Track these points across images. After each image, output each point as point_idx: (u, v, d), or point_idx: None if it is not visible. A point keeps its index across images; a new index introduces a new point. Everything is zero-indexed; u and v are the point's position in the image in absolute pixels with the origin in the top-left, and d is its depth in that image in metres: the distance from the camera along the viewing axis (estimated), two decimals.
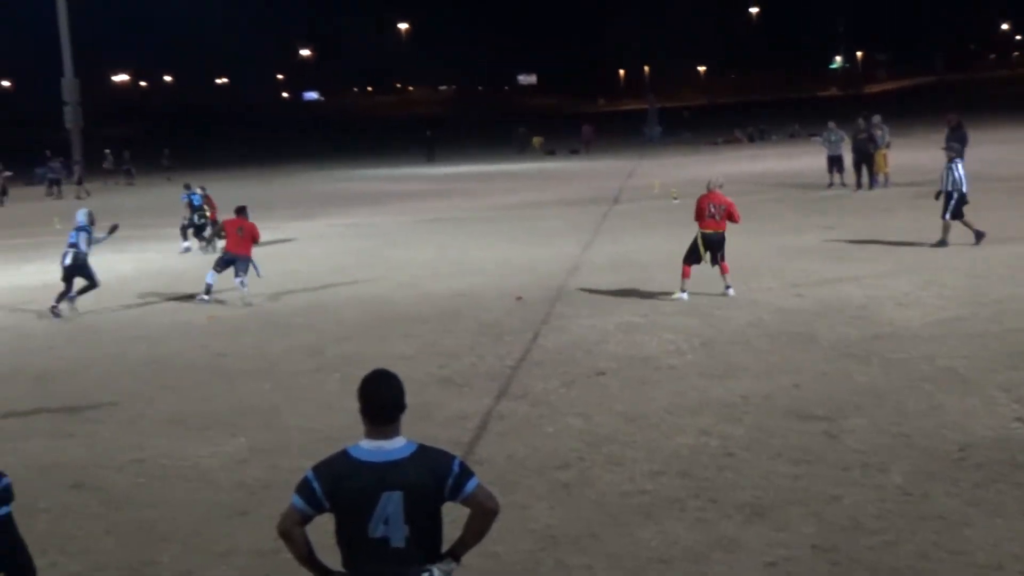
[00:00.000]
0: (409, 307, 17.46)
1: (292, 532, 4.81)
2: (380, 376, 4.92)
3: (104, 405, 12.58)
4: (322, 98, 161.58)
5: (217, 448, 10.71)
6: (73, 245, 18.75)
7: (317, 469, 4.79)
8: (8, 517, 4.76)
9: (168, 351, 15.32)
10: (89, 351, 15.65)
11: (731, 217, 16.65)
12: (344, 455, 4.79)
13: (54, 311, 18.41)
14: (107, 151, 59.24)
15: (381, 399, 4.82)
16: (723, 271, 16.67)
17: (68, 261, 18.64)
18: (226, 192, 45.29)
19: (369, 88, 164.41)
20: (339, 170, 57.04)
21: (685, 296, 16.53)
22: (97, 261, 19.72)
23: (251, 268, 18.87)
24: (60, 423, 11.92)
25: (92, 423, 11.87)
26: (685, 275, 16.62)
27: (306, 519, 4.79)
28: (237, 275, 18.73)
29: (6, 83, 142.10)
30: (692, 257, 16.68)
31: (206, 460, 10.37)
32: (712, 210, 16.62)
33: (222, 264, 19.15)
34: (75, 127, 62.99)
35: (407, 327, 15.91)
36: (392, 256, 23.71)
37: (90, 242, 18.84)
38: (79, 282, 18.85)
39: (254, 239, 19.22)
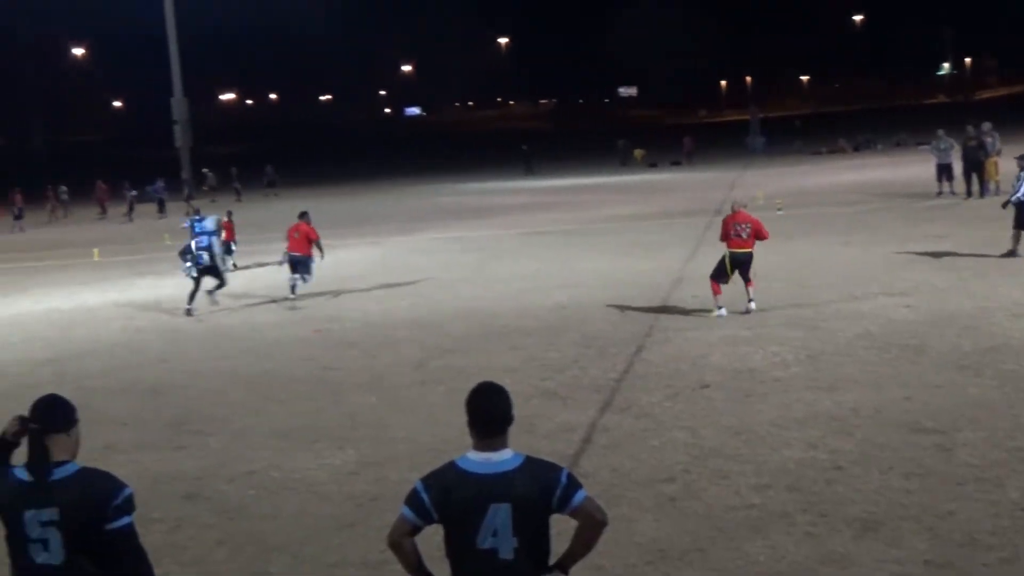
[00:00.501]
0: (513, 320, 17.51)
1: (402, 543, 4.85)
2: (488, 389, 4.94)
3: (215, 418, 12.83)
4: (424, 113, 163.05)
5: (325, 461, 10.84)
6: (206, 248, 20.22)
7: (426, 480, 4.82)
8: (130, 527, 4.87)
9: (276, 364, 15.57)
10: (199, 365, 15.96)
11: (759, 235, 16.60)
12: (452, 467, 4.81)
13: (188, 312, 20.07)
14: (205, 170, 60.25)
15: (489, 412, 4.84)
16: (747, 285, 16.62)
17: (204, 261, 20.24)
18: (330, 207, 46.00)
19: (470, 103, 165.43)
20: (440, 184, 57.53)
21: (723, 312, 16.43)
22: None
23: (310, 268, 21.00)
24: (173, 435, 12.18)
25: (203, 435, 12.11)
26: (716, 292, 16.56)
27: (415, 530, 4.83)
28: (296, 271, 20.75)
29: (117, 103, 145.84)
30: (720, 276, 16.64)
31: (315, 472, 10.51)
32: (738, 229, 16.55)
33: (290, 265, 20.95)
34: (184, 145, 64.31)
35: (511, 340, 15.97)
36: (495, 269, 23.82)
37: (216, 246, 20.52)
38: (208, 282, 20.42)
39: (310, 240, 20.96)
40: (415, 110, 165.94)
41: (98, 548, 4.80)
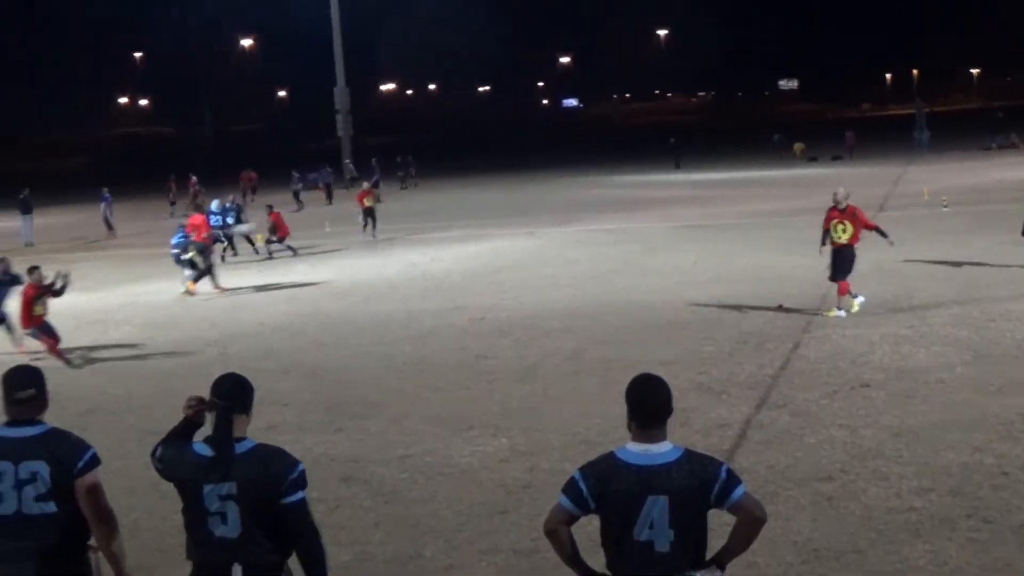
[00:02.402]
0: (668, 313, 17.40)
1: (558, 531, 4.86)
2: (648, 380, 4.93)
3: (372, 402, 13.07)
4: (580, 105, 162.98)
5: (479, 448, 10.95)
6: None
7: (584, 470, 4.83)
8: (303, 501, 5.01)
9: (431, 352, 15.77)
10: (357, 350, 16.27)
11: (865, 226, 16.40)
12: (611, 457, 4.81)
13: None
14: (347, 161, 60.89)
15: (650, 402, 4.83)
16: (840, 291, 16.21)
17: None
18: (485, 197, 46.37)
19: (627, 95, 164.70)
20: (595, 176, 57.41)
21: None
22: (365, 264, 20.54)
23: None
24: (332, 418, 12.45)
25: (361, 419, 12.35)
26: (843, 291, 16.22)
27: (572, 519, 4.84)
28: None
29: (282, 93, 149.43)
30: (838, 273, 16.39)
31: (468, 459, 10.62)
32: (839, 225, 16.27)
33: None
34: (345, 135, 65.58)
35: (666, 333, 15.87)
36: (649, 262, 23.68)
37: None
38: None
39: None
40: (572, 102, 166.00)
41: (273, 521, 4.96)
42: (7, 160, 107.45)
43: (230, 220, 29.74)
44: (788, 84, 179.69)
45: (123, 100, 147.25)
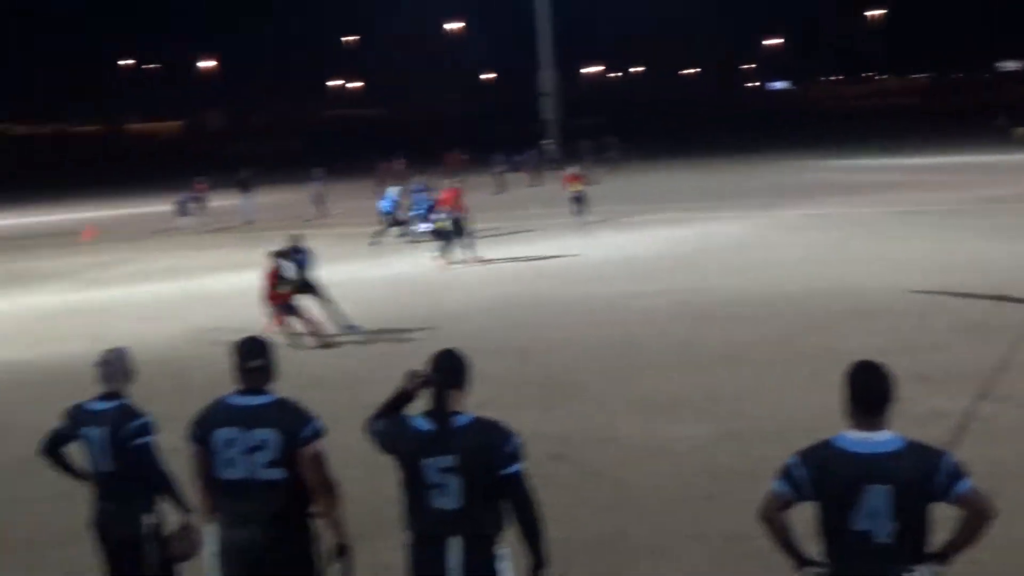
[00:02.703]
0: (882, 299, 16.90)
1: (774, 518, 4.79)
2: (871, 366, 4.82)
3: (580, 383, 13.13)
4: (790, 87, 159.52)
5: (687, 431, 10.87)
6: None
7: (801, 456, 4.74)
8: (521, 473, 5.06)
9: (638, 334, 15.73)
10: (568, 331, 16.36)
11: None
12: (829, 445, 4.71)
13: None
14: (547, 142, 60.85)
15: (872, 390, 4.71)
16: None
17: None
18: (693, 181, 45.90)
19: (839, 77, 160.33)
20: (806, 160, 56.18)
21: None
22: (572, 246, 20.54)
23: None
24: (541, 396, 12.57)
25: (569, 399, 12.42)
26: None
27: (786, 505, 4.75)
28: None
29: (490, 75, 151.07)
30: None
31: (676, 442, 10.55)
32: None
33: None
34: (551, 118, 65.97)
35: (881, 320, 15.43)
36: (862, 247, 23.05)
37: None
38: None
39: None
40: (781, 84, 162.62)
41: (492, 493, 5.03)
42: (231, 142, 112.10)
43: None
44: (1011, 65, 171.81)
45: (336, 83, 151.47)
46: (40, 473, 9.59)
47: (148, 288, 24.11)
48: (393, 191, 31.15)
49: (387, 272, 23.99)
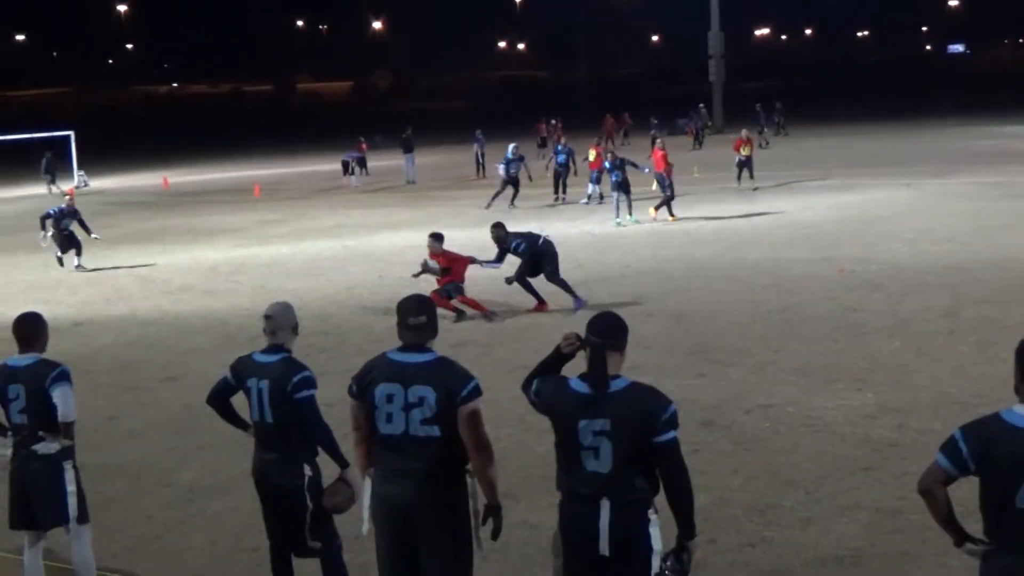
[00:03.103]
0: None
1: (934, 491, 4.66)
2: None
3: (735, 349, 13.00)
4: (967, 51, 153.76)
5: (843, 402, 10.68)
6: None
7: (966, 429, 4.60)
8: (675, 440, 5.05)
9: (798, 301, 15.47)
10: (723, 295, 16.20)
11: None
12: (996, 418, 4.57)
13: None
14: (701, 105, 59.62)
15: None
16: None
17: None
18: (861, 147, 44.75)
19: (1021, 40, 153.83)
20: (983, 127, 54.21)
21: None
22: (732, 210, 20.21)
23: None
24: (694, 363, 12.49)
25: (723, 365, 12.31)
26: None
27: (949, 479, 4.63)
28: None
29: (655, 38, 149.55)
30: None
31: (832, 412, 10.38)
32: None
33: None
34: (718, 80, 64.98)
35: None
36: None
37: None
38: None
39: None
40: (959, 47, 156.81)
41: (645, 459, 5.04)
42: (399, 101, 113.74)
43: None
44: None
45: (502, 44, 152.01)
46: (207, 421, 10.00)
47: (312, 245, 24.71)
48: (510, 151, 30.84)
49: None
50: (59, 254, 22.66)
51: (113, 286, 20.59)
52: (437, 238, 16.33)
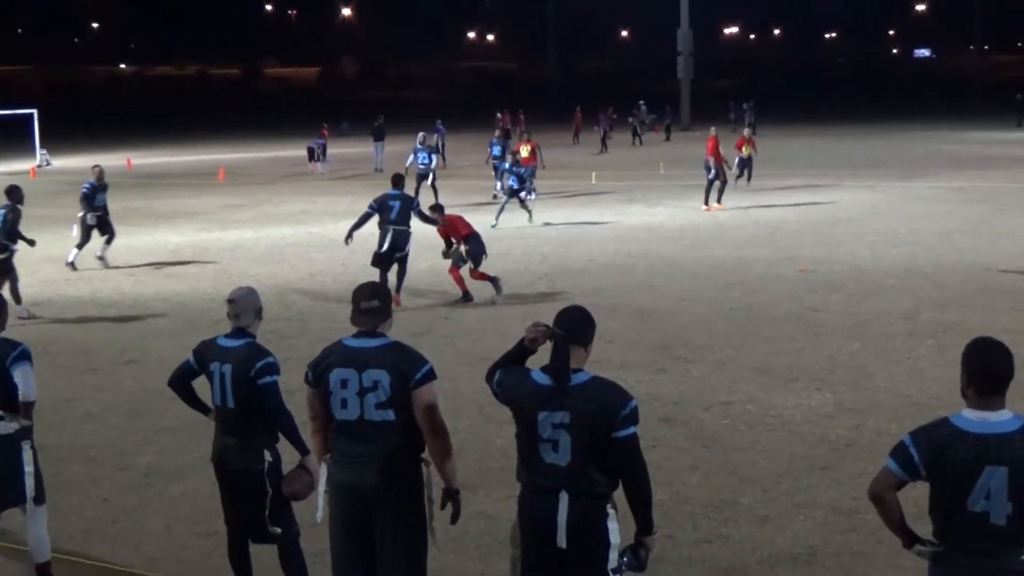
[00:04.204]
0: (1018, 279, 16.44)
1: (885, 496, 4.70)
2: (992, 343, 4.69)
3: (697, 346, 13.06)
4: (933, 56, 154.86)
5: (802, 401, 10.75)
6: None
7: (916, 435, 4.64)
8: (633, 437, 5.04)
9: (760, 300, 15.56)
10: (685, 293, 16.26)
11: None
12: (946, 423, 4.61)
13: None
14: (640, 103, 59.67)
15: (994, 368, 4.59)
16: None
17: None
18: (825, 148, 45.04)
19: (986, 47, 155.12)
20: (945, 132, 54.68)
21: None
22: (696, 208, 20.25)
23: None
24: (656, 358, 12.53)
25: (684, 361, 12.36)
26: None
27: (900, 484, 4.66)
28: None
29: (624, 32, 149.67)
30: None
31: (790, 411, 10.45)
32: None
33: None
34: (686, 77, 65.24)
35: (1014, 299, 15.02)
36: (1000, 224, 22.41)
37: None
38: None
39: None
40: (924, 52, 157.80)
41: (603, 454, 5.04)
42: (368, 89, 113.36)
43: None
44: None
45: (471, 35, 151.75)
46: (166, 405, 9.94)
47: (276, 231, 24.62)
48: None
49: (508, 225, 24.07)
50: (79, 242, 20.28)
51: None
52: (439, 210, 16.40)
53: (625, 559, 5.15)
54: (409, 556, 5.62)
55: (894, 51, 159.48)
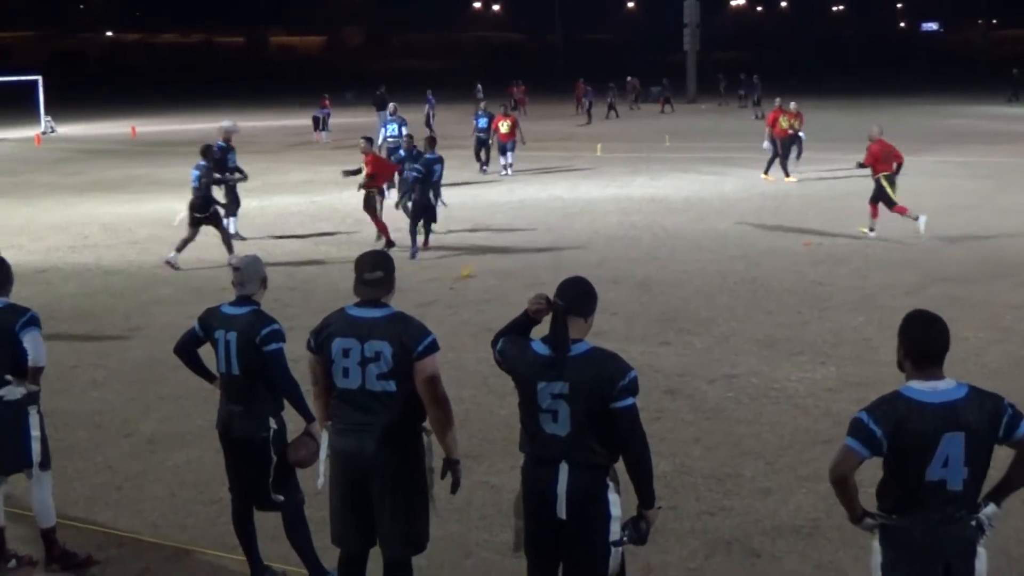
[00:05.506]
0: (1020, 254, 16.42)
1: (849, 477, 4.70)
2: (930, 316, 4.83)
3: (701, 319, 13.05)
4: (941, 30, 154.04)
5: (806, 374, 10.76)
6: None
7: (872, 412, 4.63)
8: (633, 407, 5.03)
9: (764, 273, 15.55)
10: (690, 265, 16.25)
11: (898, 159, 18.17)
12: (899, 397, 4.65)
13: None
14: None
15: (935, 339, 4.71)
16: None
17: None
18: (833, 122, 44.91)
19: (994, 21, 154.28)
20: (952, 106, 54.48)
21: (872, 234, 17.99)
22: (702, 180, 20.22)
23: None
24: (659, 330, 12.53)
25: (688, 334, 12.36)
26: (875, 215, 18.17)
27: (860, 462, 4.66)
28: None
29: (631, 4, 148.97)
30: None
31: (794, 384, 10.45)
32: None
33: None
34: (692, 49, 64.99)
35: (1019, 275, 14.99)
36: (1006, 199, 22.35)
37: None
38: None
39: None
40: (932, 25, 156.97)
41: (602, 425, 5.04)
42: (374, 59, 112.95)
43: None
44: None
45: (477, 5, 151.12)
46: (169, 372, 9.96)
47: (281, 200, 24.58)
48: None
49: (512, 197, 24.03)
50: (232, 210, 19.13)
51: (78, 234, 20.42)
52: (368, 140, 18.58)
53: (626, 531, 5.16)
54: (407, 524, 5.64)
55: (901, 25, 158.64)
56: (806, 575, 6.80)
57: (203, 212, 16.86)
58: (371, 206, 17.86)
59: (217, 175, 17.78)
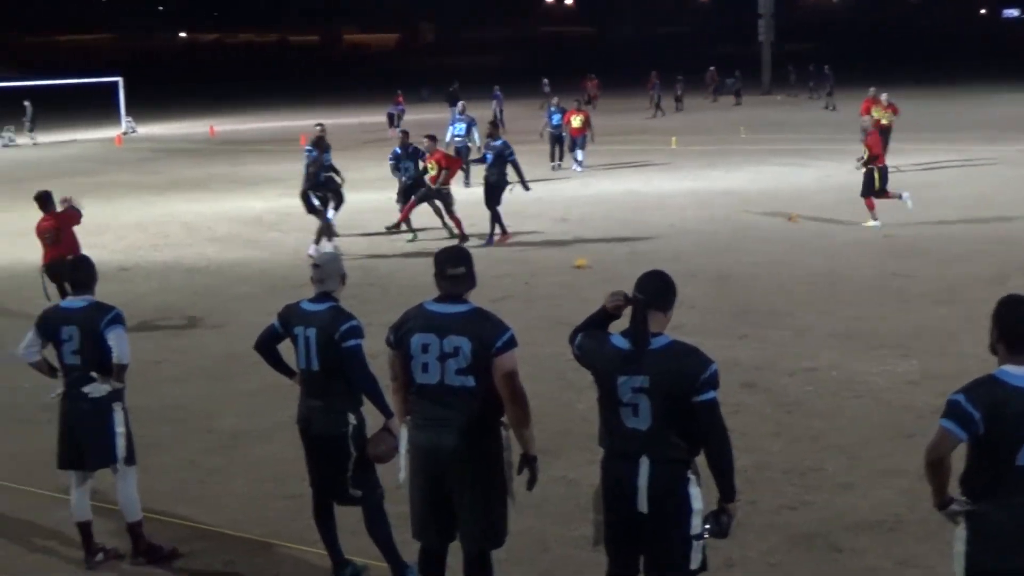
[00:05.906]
0: None
1: (945, 460, 4.63)
2: (1020, 301, 4.78)
3: (778, 312, 12.94)
4: (1023, 16, 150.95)
5: (887, 368, 10.61)
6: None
7: (969, 394, 4.58)
8: (714, 401, 5.03)
9: (843, 265, 15.37)
10: (766, 258, 16.10)
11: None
12: (995, 380, 4.60)
13: None
14: (711, 69, 58.65)
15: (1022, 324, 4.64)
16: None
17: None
18: (912, 113, 44.24)
19: None
20: None
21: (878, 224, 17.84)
22: (777, 173, 20.01)
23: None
24: (736, 324, 12.44)
25: (765, 327, 12.25)
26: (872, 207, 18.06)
27: (955, 445, 4.59)
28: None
29: None
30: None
31: (875, 378, 10.32)
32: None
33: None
34: (767, 40, 64.35)
35: None
36: None
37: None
38: None
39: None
40: (1013, 12, 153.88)
41: (684, 418, 5.01)
42: (444, 55, 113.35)
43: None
44: None
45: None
46: (250, 368, 10.08)
47: (357, 196, 24.70)
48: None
49: (587, 191, 23.98)
50: (336, 204, 18.84)
51: (159, 232, 20.75)
52: (432, 139, 19.00)
53: (707, 525, 5.13)
54: (486, 519, 5.65)
55: (982, 11, 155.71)
56: (888, 570, 6.72)
57: (319, 191, 17.96)
58: (448, 204, 18.17)
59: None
